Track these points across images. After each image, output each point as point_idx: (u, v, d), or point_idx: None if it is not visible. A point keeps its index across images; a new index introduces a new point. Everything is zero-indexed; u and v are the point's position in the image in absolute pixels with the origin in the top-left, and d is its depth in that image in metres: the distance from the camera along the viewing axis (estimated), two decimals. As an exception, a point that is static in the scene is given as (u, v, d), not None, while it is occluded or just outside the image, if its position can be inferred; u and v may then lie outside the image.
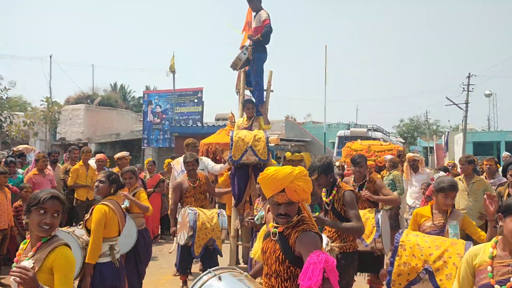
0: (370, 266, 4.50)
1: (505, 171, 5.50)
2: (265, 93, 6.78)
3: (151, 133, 20.11)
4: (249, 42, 6.75)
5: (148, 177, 8.82)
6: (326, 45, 36.40)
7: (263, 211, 4.32)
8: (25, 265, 2.15)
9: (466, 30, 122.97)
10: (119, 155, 7.71)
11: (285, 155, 6.19)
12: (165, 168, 9.41)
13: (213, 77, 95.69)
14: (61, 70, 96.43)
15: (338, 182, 4.01)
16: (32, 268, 2.17)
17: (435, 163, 30.33)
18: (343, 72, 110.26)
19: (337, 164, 11.35)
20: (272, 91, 6.96)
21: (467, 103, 28.93)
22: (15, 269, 2.04)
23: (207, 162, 6.72)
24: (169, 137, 19.26)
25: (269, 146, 5.51)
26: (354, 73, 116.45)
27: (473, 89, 29.44)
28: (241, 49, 6.82)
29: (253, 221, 4.34)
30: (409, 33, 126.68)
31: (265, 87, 6.80)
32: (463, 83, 29.34)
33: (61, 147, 20.20)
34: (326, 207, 4.05)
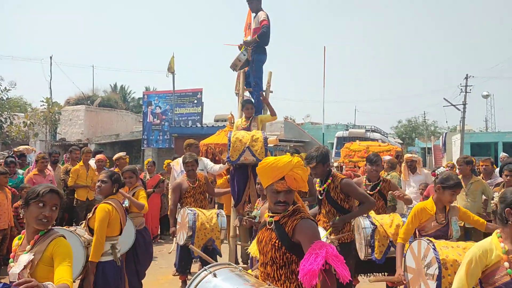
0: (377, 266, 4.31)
1: (501, 171, 5.56)
2: (264, 94, 6.80)
3: (151, 134, 20.12)
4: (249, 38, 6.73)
5: (148, 178, 8.87)
6: (324, 47, 36.62)
7: (259, 210, 4.36)
8: (26, 259, 2.16)
9: (464, 31, 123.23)
10: (117, 156, 7.82)
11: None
12: (164, 168, 9.44)
13: (213, 78, 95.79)
14: (61, 71, 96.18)
15: (332, 172, 4.08)
16: (31, 261, 2.19)
17: (433, 164, 30.29)
18: (342, 73, 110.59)
19: (336, 164, 11.38)
20: (271, 92, 6.98)
21: (464, 104, 29.03)
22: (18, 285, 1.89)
23: (206, 162, 6.74)
24: (169, 138, 19.28)
25: (268, 146, 5.53)
26: (352, 74, 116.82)
27: (470, 90, 29.60)
28: (239, 46, 6.80)
29: (251, 220, 4.37)
30: (407, 35, 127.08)
31: (264, 88, 6.82)
32: (460, 84, 29.55)
33: (61, 148, 20.19)
34: (319, 196, 4.10)
